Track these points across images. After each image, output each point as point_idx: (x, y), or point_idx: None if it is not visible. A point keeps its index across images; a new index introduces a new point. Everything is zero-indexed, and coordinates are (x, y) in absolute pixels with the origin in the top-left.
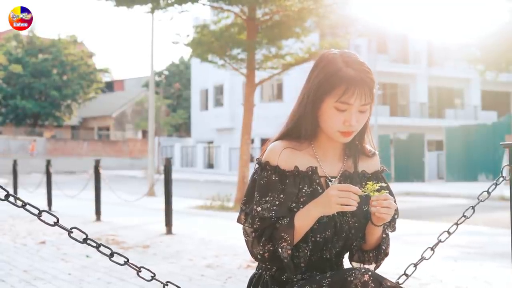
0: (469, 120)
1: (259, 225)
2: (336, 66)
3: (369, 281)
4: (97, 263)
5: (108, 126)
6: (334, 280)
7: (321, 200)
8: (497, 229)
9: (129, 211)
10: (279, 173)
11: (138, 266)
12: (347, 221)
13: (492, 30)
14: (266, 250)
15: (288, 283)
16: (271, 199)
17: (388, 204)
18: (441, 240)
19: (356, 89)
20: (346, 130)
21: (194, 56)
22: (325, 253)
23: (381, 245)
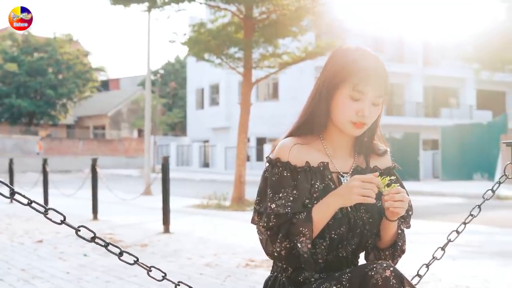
0: (464, 120)
1: (275, 223)
2: (352, 56)
3: (391, 277)
4: (95, 262)
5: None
6: (354, 275)
7: (341, 191)
8: (494, 228)
9: (126, 210)
10: (290, 169)
11: (148, 266)
12: (361, 216)
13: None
14: (283, 248)
15: (306, 284)
16: (284, 195)
17: (401, 197)
18: (450, 239)
19: (371, 79)
20: (358, 121)
21: (191, 55)
22: (341, 251)
23: (397, 241)
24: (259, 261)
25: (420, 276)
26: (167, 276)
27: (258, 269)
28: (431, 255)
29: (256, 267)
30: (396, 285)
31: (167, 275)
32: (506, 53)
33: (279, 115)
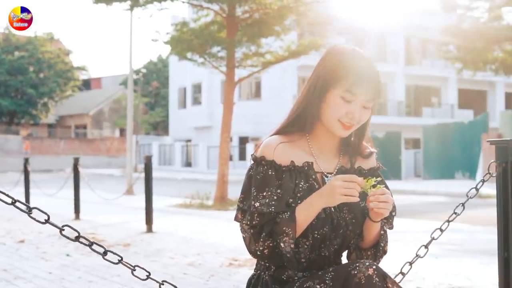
0: (445, 119)
1: (258, 221)
2: (347, 57)
3: (374, 275)
4: (77, 262)
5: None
6: (337, 274)
7: (325, 191)
8: (476, 227)
9: (108, 210)
10: (275, 168)
11: (132, 265)
12: (344, 217)
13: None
14: (266, 246)
15: (289, 282)
16: (269, 194)
17: (386, 198)
18: (434, 237)
19: (364, 82)
20: (347, 122)
21: (174, 54)
22: (324, 250)
23: (379, 242)
24: (242, 261)
25: (404, 274)
26: (151, 275)
27: (241, 269)
28: (414, 253)
29: (240, 266)
30: (379, 283)
31: (151, 275)
32: (488, 52)
33: (262, 114)
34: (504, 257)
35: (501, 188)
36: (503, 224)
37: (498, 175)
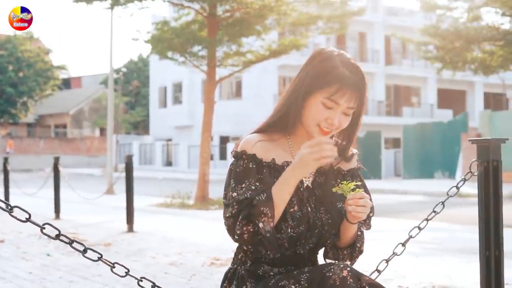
0: (425, 118)
1: (236, 209)
2: (333, 63)
3: (348, 277)
4: (58, 261)
5: (65, 124)
6: (312, 275)
7: (297, 163)
8: (455, 225)
9: (89, 209)
10: (256, 162)
11: (112, 262)
12: (320, 217)
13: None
14: (246, 231)
15: (265, 278)
16: (247, 185)
17: (364, 202)
18: (412, 235)
19: (348, 90)
20: (325, 128)
21: (154, 53)
22: (299, 248)
23: (355, 242)
24: (224, 260)
25: (379, 271)
26: (130, 272)
27: (223, 268)
28: (391, 252)
29: (221, 265)
30: (353, 284)
31: (130, 272)
32: (467, 52)
33: (243, 113)
34: (486, 256)
35: (482, 187)
36: (484, 222)
37: (480, 174)
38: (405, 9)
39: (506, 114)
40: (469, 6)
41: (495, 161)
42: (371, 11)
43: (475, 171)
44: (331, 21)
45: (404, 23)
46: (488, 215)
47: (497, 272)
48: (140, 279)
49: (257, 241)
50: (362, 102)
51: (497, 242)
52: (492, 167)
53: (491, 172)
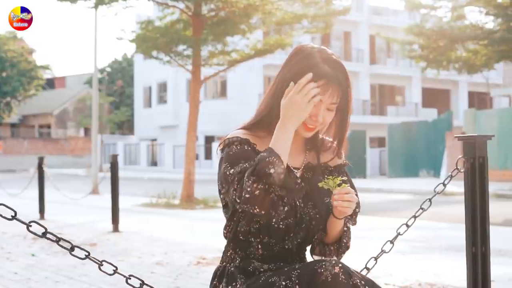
0: (410, 117)
1: (239, 177)
2: (313, 60)
3: (340, 273)
4: (43, 262)
5: (49, 124)
6: (304, 272)
7: (288, 113)
8: (440, 223)
9: (74, 210)
10: (250, 146)
11: (99, 260)
12: (308, 212)
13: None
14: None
15: (255, 274)
16: (241, 163)
17: (349, 197)
18: (400, 232)
19: (330, 86)
20: (310, 125)
21: (139, 52)
22: (287, 243)
23: (342, 238)
24: (210, 259)
25: (368, 269)
26: (118, 270)
27: (209, 267)
28: (379, 249)
29: (208, 264)
30: (345, 280)
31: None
32: (451, 51)
33: (228, 113)
34: (472, 252)
35: (469, 183)
36: (471, 219)
37: (466, 170)
38: (390, 8)
39: (490, 112)
40: (453, 5)
41: (481, 157)
42: (356, 11)
43: (461, 167)
44: (316, 20)
45: (388, 23)
46: (475, 211)
47: (484, 268)
48: (129, 277)
49: (269, 201)
50: (347, 97)
51: (484, 239)
52: (478, 163)
53: (477, 169)
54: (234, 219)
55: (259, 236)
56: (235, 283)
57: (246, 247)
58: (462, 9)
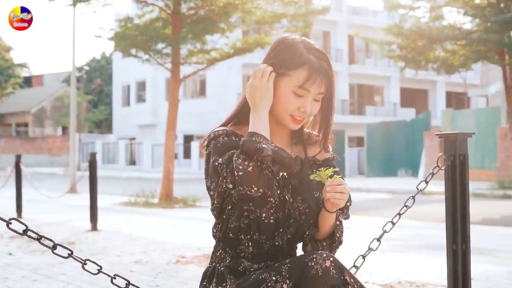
0: (388, 117)
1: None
2: (298, 50)
3: (331, 267)
4: (20, 260)
5: (26, 122)
6: (294, 266)
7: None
8: (418, 222)
9: (52, 208)
10: (237, 136)
11: (83, 259)
12: (297, 207)
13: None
14: (248, 165)
15: (245, 274)
16: (229, 153)
17: (342, 189)
18: (386, 230)
19: (318, 77)
20: (299, 116)
21: (118, 50)
22: (278, 239)
23: (335, 232)
24: (189, 258)
25: (357, 267)
26: (102, 270)
27: (189, 266)
28: (360, 249)
29: (187, 263)
30: (336, 275)
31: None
32: (430, 51)
33: (207, 112)
34: (453, 250)
35: (449, 181)
36: (451, 217)
37: (447, 168)
38: (369, 8)
39: (468, 112)
40: (431, 6)
41: (461, 155)
42: (335, 11)
43: (442, 165)
44: (295, 20)
45: (367, 23)
46: (455, 209)
47: (464, 266)
48: (114, 277)
49: (264, 177)
50: (331, 86)
51: (464, 236)
52: (459, 161)
53: (458, 166)
54: (223, 217)
55: (249, 233)
56: (225, 283)
57: (236, 245)
58: (440, 9)
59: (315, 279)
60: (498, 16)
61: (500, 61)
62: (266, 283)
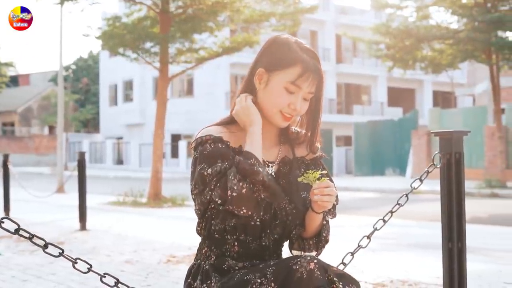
0: (375, 116)
1: (218, 178)
2: (292, 48)
3: (315, 269)
4: (10, 260)
5: (12, 122)
6: (279, 269)
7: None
8: (408, 221)
9: (40, 208)
10: (224, 144)
11: (74, 258)
12: (284, 207)
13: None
14: (242, 187)
15: (230, 272)
16: (219, 163)
17: (329, 191)
18: (376, 228)
19: (310, 75)
20: (288, 113)
21: (106, 49)
22: (264, 239)
23: (321, 232)
24: (180, 257)
25: (345, 264)
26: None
27: (180, 265)
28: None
29: (178, 263)
30: (320, 276)
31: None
32: (417, 51)
33: (194, 111)
34: (449, 248)
35: (445, 179)
36: (447, 215)
37: (442, 166)
38: (356, 8)
39: (455, 111)
40: (418, 5)
41: (457, 153)
42: (322, 10)
43: (437, 163)
44: (284, 18)
45: (354, 22)
46: (451, 207)
47: (460, 264)
48: (103, 275)
49: (253, 201)
50: (321, 87)
51: (460, 234)
52: (455, 159)
53: (453, 164)
54: (206, 216)
55: (235, 234)
56: (209, 281)
57: (222, 244)
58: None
59: (300, 282)
60: (485, 15)
61: (487, 60)
62: (251, 284)
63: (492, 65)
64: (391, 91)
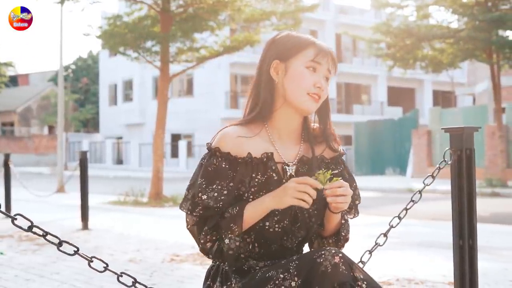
0: (375, 116)
1: (201, 214)
2: (299, 35)
3: (340, 263)
4: (12, 260)
5: (12, 122)
6: (302, 263)
7: (277, 193)
8: (412, 220)
9: (41, 208)
10: (229, 160)
11: (89, 256)
12: (306, 209)
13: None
14: (209, 240)
15: (250, 272)
16: (218, 188)
17: (343, 191)
18: (393, 225)
19: (326, 52)
20: (316, 93)
21: (106, 48)
22: (286, 242)
23: (340, 231)
24: (184, 256)
25: (364, 262)
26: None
27: (183, 264)
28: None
29: (182, 262)
30: (345, 271)
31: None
32: (417, 50)
33: (194, 111)
34: (460, 245)
35: (456, 175)
36: (458, 212)
37: (453, 162)
38: (356, 7)
39: (456, 111)
40: (418, 4)
41: (468, 149)
42: (322, 9)
43: (448, 160)
44: (284, 17)
45: (354, 22)
46: (462, 204)
47: (471, 262)
48: (120, 274)
49: (218, 253)
50: (336, 66)
51: (471, 231)
52: (466, 155)
53: (464, 161)
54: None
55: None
56: (229, 283)
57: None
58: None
59: (324, 276)
60: (486, 14)
61: (488, 59)
62: (273, 281)
63: (492, 64)
64: (391, 91)
